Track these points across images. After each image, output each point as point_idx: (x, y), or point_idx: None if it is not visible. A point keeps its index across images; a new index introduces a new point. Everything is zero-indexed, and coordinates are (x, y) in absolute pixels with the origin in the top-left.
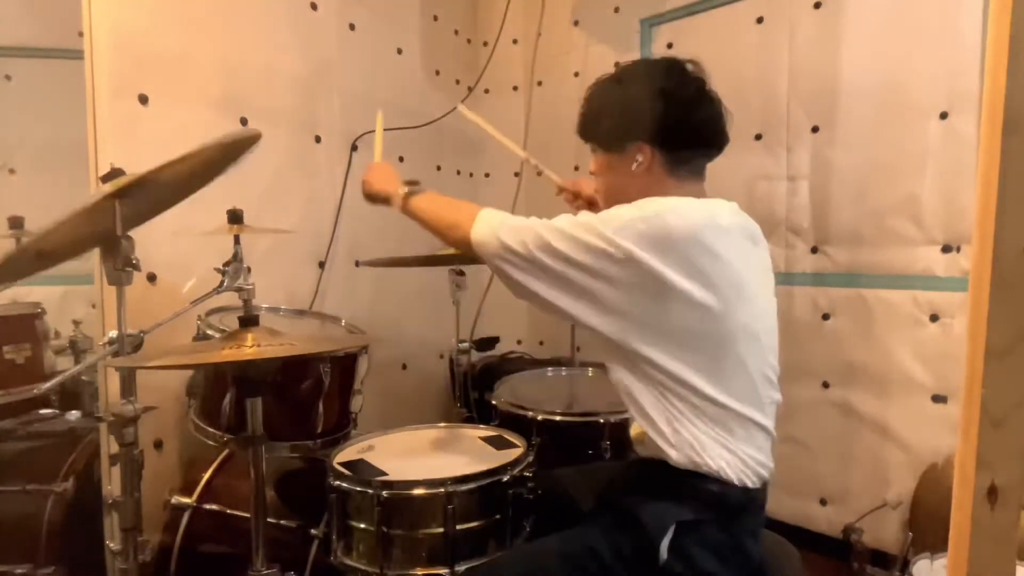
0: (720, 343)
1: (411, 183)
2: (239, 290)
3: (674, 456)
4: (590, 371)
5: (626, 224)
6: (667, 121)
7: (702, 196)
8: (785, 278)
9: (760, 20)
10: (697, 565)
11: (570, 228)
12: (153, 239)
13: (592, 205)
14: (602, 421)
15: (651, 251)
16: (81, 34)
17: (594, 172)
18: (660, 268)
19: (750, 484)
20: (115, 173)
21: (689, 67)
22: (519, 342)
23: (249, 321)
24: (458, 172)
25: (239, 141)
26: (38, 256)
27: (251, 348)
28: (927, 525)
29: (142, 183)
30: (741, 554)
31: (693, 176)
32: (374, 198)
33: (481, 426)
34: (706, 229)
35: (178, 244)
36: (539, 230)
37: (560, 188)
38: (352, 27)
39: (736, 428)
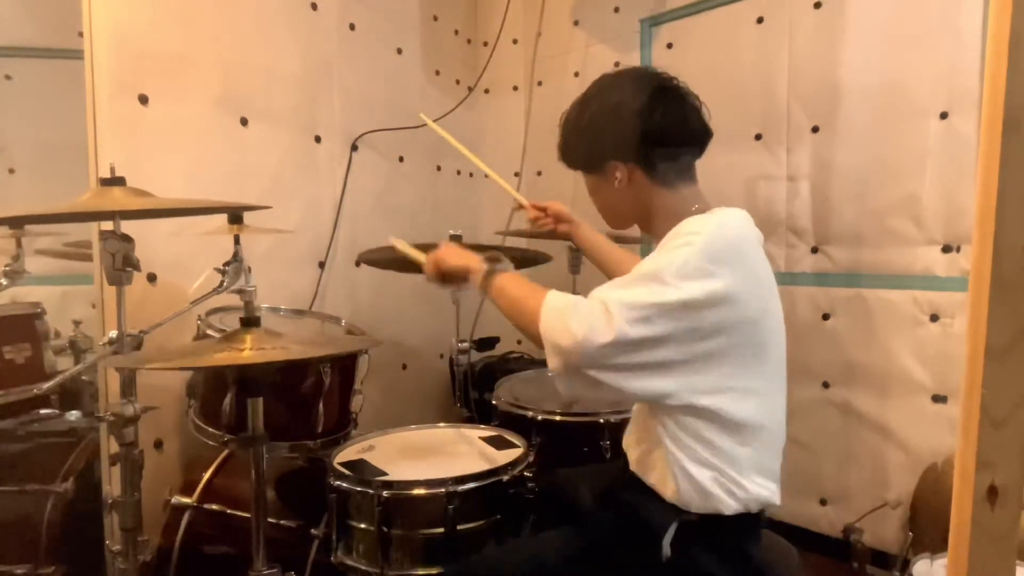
0: (759, 354)
1: (492, 259)
2: (240, 292)
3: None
4: None
5: (688, 266)
6: (630, 134)
7: (699, 199)
8: (785, 278)
9: (760, 20)
10: (698, 564)
11: (641, 296)
12: (153, 239)
13: (561, 221)
14: (602, 421)
15: (715, 277)
16: (81, 34)
17: (588, 190)
18: (724, 286)
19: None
20: (116, 180)
21: (646, 72)
22: (519, 342)
23: (250, 322)
24: (458, 172)
25: None
26: None
27: (248, 351)
28: (927, 525)
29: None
30: (742, 555)
31: (682, 179)
32: (449, 276)
33: (481, 426)
34: (748, 242)
35: (178, 244)
36: (617, 313)
37: (520, 205)
38: (352, 27)
39: (767, 443)
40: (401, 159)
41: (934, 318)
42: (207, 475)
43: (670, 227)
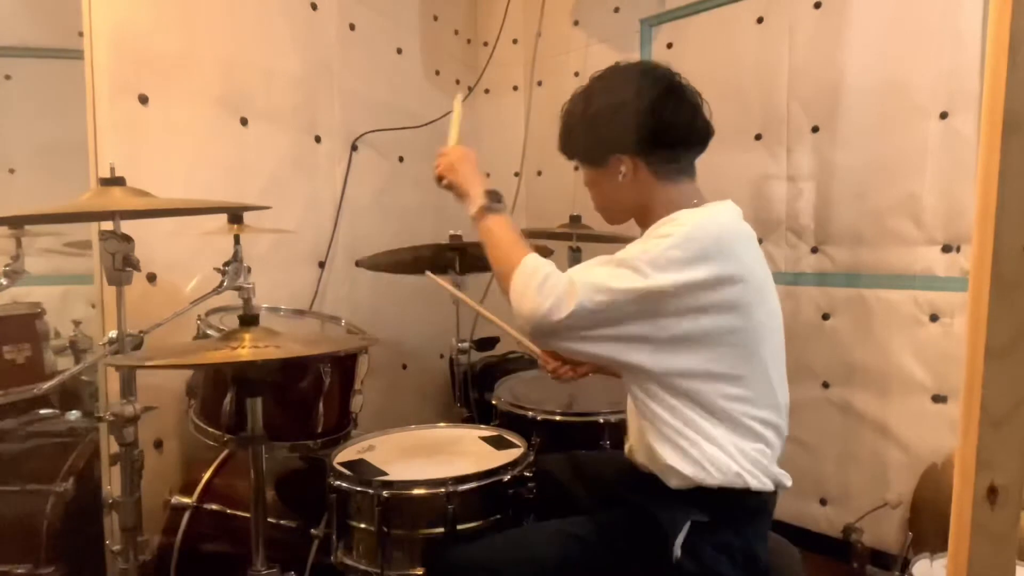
0: (747, 345)
1: (492, 194)
2: (239, 289)
3: (690, 472)
4: None
5: (663, 258)
6: (639, 128)
7: (697, 195)
8: (785, 278)
9: (760, 20)
10: (708, 565)
11: (609, 281)
12: (153, 239)
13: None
14: (602, 421)
15: (692, 268)
16: (81, 34)
17: (586, 184)
18: (702, 278)
19: (763, 488)
20: (116, 180)
21: (655, 68)
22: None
23: (249, 320)
24: None
25: None
26: None
27: (247, 349)
28: (927, 525)
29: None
30: (751, 557)
31: (684, 176)
32: (451, 188)
33: (481, 426)
34: (732, 234)
35: (178, 244)
36: (580, 292)
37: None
38: (352, 27)
39: (757, 431)
40: (401, 159)
41: (934, 318)
42: (207, 475)
43: None
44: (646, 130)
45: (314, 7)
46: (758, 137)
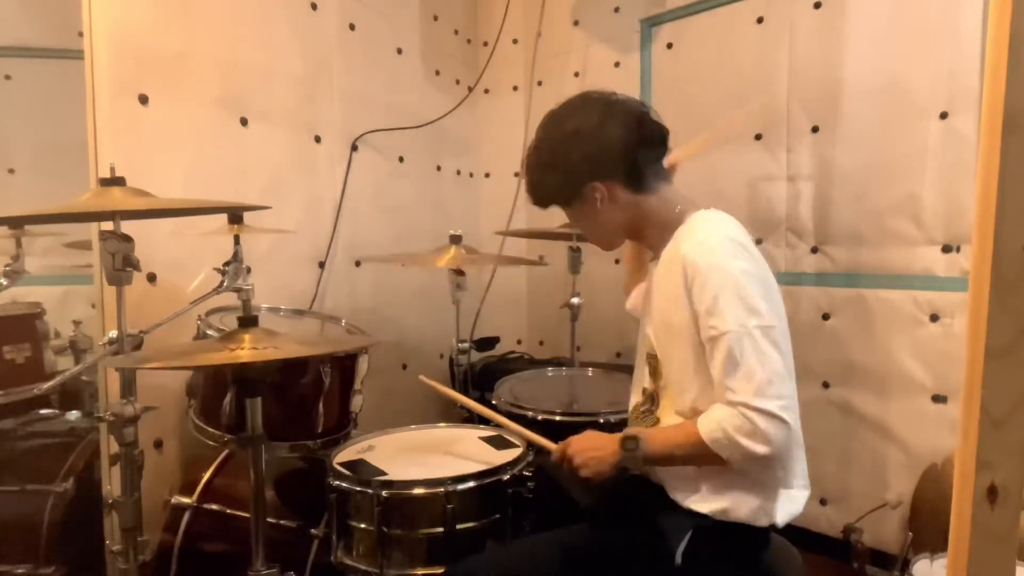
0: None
1: (628, 439)
2: (238, 291)
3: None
4: (590, 371)
5: (741, 299)
6: (597, 150)
7: (680, 198)
8: (786, 278)
9: (760, 20)
10: (708, 569)
11: (756, 370)
12: (153, 239)
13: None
14: (602, 421)
15: (758, 296)
16: (81, 34)
17: (573, 224)
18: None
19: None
20: (116, 180)
21: (588, 93)
22: (519, 342)
23: (248, 322)
24: (458, 172)
25: None
26: None
27: (247, 350)
28: (927, 525)
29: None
30: (753, 561)
31: (659, 180)
32: (599, 475)
33: (481, 426)
34: (749, 244)
35: (178, 244)
36: (761, 412)
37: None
38: (352, 27)
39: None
40: (401, 159)
41: (934, 318)
42: (207, 475)
43: (661, 233)
44: (603, 151)
45: (314, 7)
46: (758, 137)
